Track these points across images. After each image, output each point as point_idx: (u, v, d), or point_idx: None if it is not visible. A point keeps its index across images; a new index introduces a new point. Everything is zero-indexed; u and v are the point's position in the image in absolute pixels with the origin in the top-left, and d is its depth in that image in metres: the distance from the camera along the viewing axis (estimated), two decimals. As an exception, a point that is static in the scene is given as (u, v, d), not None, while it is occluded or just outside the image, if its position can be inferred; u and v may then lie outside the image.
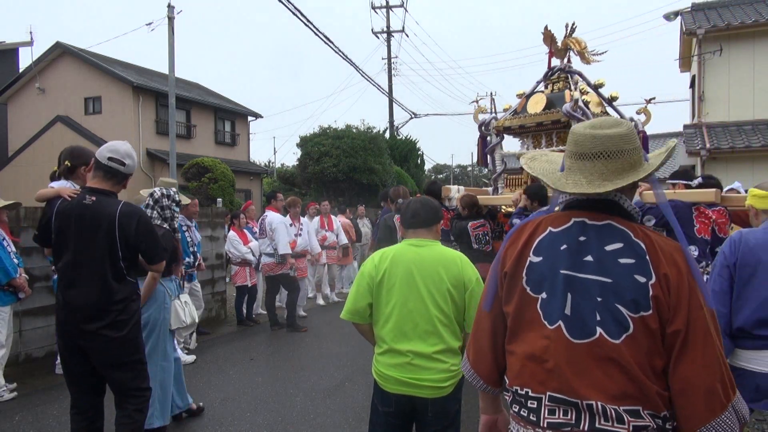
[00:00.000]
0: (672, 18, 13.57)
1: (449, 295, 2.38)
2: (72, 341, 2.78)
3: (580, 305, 1.37)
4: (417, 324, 2.38)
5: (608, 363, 1.32)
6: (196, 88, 25.11)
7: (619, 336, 1.32)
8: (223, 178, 14.70)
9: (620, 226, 1.40)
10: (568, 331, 1.37)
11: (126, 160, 2.85)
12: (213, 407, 4.40)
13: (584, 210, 1.45)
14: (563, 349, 1.37)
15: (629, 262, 1.35)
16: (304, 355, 6.08)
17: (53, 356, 5.71)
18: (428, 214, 2.52)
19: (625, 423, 1.30)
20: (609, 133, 1.39)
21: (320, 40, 14.77)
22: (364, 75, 19.39)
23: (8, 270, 4.54)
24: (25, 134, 21.35)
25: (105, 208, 2.74)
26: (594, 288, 1.36)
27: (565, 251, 1.42)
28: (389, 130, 22.92)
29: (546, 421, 1.37)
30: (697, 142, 12.00)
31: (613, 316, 1.34)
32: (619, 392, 1.31)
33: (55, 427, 4.05)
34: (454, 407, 2.44)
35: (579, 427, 1.33)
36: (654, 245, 1.36)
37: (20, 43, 22.42)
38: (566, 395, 1.35)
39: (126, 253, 2.79)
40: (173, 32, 13.74)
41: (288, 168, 25.78)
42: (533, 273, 1.44)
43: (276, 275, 7.13)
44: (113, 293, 2.74)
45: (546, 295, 1.42)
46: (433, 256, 2.44)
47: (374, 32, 23.29)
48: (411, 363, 2.37)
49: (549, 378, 1.38)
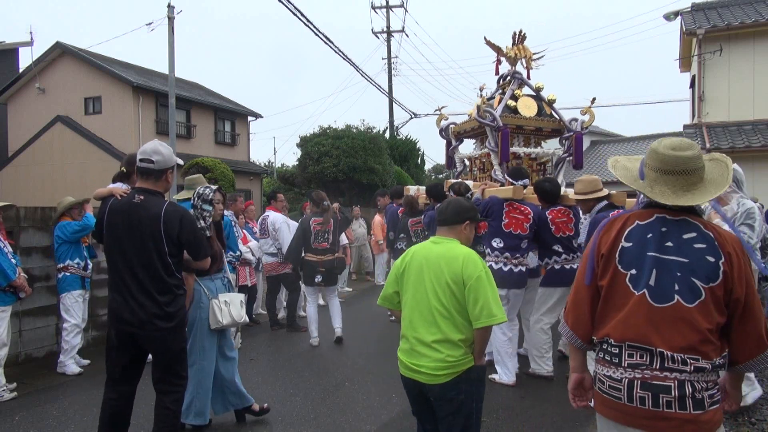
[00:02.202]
0: (672, 18, 13.58)
1: (449, 289, 2.56)
2: (128, 331, 2.99)
3: (662, 278, 1.82)
4: (422, 313, 2.61)
5: (680, 322, 1.78)
6: (196, 88, 25.10)
7: (693, 301, 1.78)
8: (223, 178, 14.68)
9: (693, 221, 1.86)
10: (651, 298, 1.82)
11: (153, 157, 3.05)
12: (213, 407, 4.40)
13: (664, 208, 1.90)
14: (645, 310, 1.82)
15: (702, 247, 1.81)
16: (304, 355, 6.07)
17: (53, 356, 5.71)
18: (451, 215, 2.74)
19: (688, 364, 1.76)
20: (688, 155, 1.84)
21: (320, 40, 14.77)
22: (364, 75, 19.41)
23: (7, 273, 4.54)
24: (25, 134, 21.36)
25: (152, 207, 2.97)
26: (674, 266, 1.82)
27: (651, 238, 1.87)
28: (389, 130, 22.91)
29: (627, 361, 1.83)
30: (697, 143, 11.99)
31: (689, 287, 1.79)
32: (686, 345, 1.76)
33: (56, 427, 4.05)
34: (456, 397, 2.57)
35: (652, 365, 1.79)
36: (720, 235, 1.83)
37: (20, 43, 22.42)
38: (642, 344, 1.80)
39: (172, 249, 3.00)
40: (173, 32, 13.75)
41: (288, 168, 25.78)
42: (625, 255, 1.89)
43: (278, 275, 7.13)
44: (163, 286, 2.97)
45: (635, 271, 1.87)
46: (441, 252, 2.65)
47: (374, 32, 23.28)
48: (414, 349, 2.62)
49: (629, 330, 1.83)
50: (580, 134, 6.55)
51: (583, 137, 6.59)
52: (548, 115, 6.74)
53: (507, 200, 4.88)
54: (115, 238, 3.01)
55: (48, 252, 5.87)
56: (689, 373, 1.76)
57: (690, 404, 1.75)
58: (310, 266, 6.30)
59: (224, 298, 3.80)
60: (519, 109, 6.51)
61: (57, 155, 20.31)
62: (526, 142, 6.80)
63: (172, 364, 3.09)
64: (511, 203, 4.86)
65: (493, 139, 6.36)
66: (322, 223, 6.33)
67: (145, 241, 2.94)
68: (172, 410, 3.08)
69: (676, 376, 1.76)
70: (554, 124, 6.72)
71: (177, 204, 3.14)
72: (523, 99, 6.58)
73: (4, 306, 4.62)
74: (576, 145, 6.58)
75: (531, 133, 6.75)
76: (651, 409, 1.77)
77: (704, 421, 1.75)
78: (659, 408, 1.77)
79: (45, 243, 5.86)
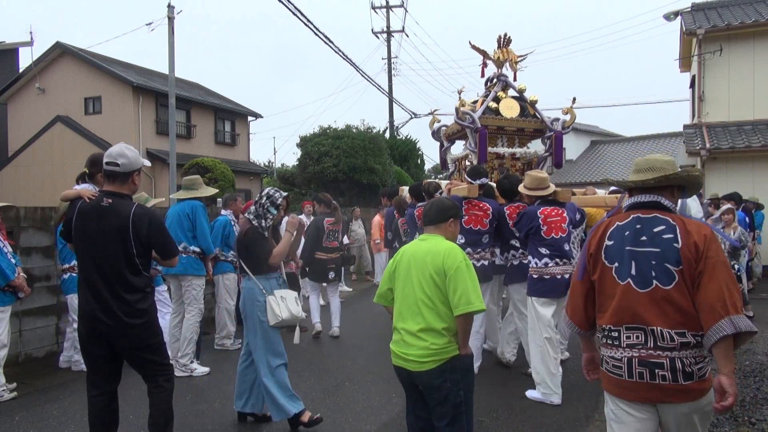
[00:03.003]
0: (672, 18, 13.57)
1: (432, 280, 2.76)
2: (95, 328, 3.03)
3: (640, 267, 2.15)
4: (408, 305, 2.82)
5: (663, 302, 2.09)
6: (196, 88, 25.11)
7: (670, 284, 2.09)
8: (223, 178, 14.70)
9: (662, 216, 2.19)
10: (635, 285, 2.15)
11: (119, 160, 3.05)
12: (213, 407, 4.40)
13: (638, 209, 2.25)
14: (633, 296, 2.14)
15: (670, 236, 2.13)
16: (304, 355, 6.07)
17: (53, 356, 5.71)
18: (434, 214, 2.95)
19: (675, 341, 2.06)
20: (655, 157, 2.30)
21: (320, 40, 14.77)
22: (364, 75, 19.40)
23: (6, 273, 4.54)
24: (25, 134, 21.36)
25: (121, 211, 3.02)
26: (649, 255, 2.14)
27: (627, 235, 2.21)
28: (389, 130, 22.91)
29: (625, 342, 2.14)
30: (697, 142, 11.99)
31: (664, 272, 2.10)
32: (672, 321, 2.07)
33: (56, 427, 4.05)
34: (443, 385, 2.73)
35: (647, 344, 2.10)
36: (684, 223, 2.14)
37: (20, 43, 22.42)
38: (637, 324, 2.12)
39: (140, 250, 3.05)
40: (173, 32, 13.76)
41: (288, 168, 25.76)
42: (608, 251, 2.24)
43: (276, 275, 7.14)
44: (130, 286, 3.03)
45: (617, 264, 2.20)
46: (426, 248, 2.85)
47: (374, 32, 23.28)
48: (403, 339, 2.82)
49: (624, 315, 2.15)
50: (560, 134, 6.72)
51: (563, 137, 6.77)
52: (531, 115, 6.90)
53: (466, 198, 5.05)
54: (84, 240, 3.06)
55: (48, 252, 5.87)
56: (677, 350, 2.06)
57: (680, 377, 2.06)
58: (321, 264, 6.65)
59: (280, 293, 3.84)
60: (501, 110, 6.71)
61: (57, 155, 20.31)
62: (510, 142, 6.98)
63: (149, 355, 3.12)
64: (470, 201, 5.04)
65: (472, 140, 6.55)
66: (334, 222, 6.75)
67: (113, 242, 3.00)
68: (164, 387, 3.13)
69: (668, 354, 2.07)
70: (536, 124, 6.87)
71: (145, 207, 3.18)
72: (505, 101, 6.76)
73: (3, 306, 4.61)
74: (556, 144, 6.76)
75: (514, 133, 6.93)
76: (648, 381, 2.09)
77: (693, 389, 2.07)
78: (655, 381, 2.08)
79: (45, 243, 5.86)
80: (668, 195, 2.25)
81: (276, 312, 3.74)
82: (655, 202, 2.23)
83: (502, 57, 6.91)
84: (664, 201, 2.23)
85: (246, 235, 3.85)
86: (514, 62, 6.94)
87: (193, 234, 5.37)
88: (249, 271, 3.82)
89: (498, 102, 6.73)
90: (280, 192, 3.89)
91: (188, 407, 4.38)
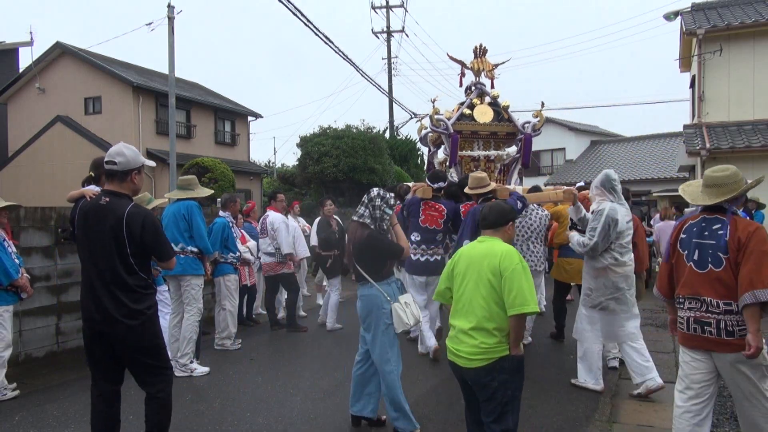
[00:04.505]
0: (672, 18, 13.56)
1: (488, 281, 2.88)
2: (96, 329, 3.04)
3: (701, 255, 2.93)
4: (464, 304, 2.97)
5: (714, 280, 2.87)
6: (196, 88, 25.10)
7: (719, 267, 2.86)
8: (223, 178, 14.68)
9: (721, 217, 2.95)
10: (695, 267, 2.95)
11: (117, 159, 3.06)
12: (213, 407, 4.40)
13: (706, 212, 3.03)
14: (694, 275, 2.95)
15: (722, 233, 2.88)
16: (304, 355, 6.08)
17: (53, 356, 5.72)
18: (495, 217, 3.10)
19: (721, 308, 2.85)
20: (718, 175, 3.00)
21: (320, 40, 14.76)
22: (364, 75, 19.37)
23: (9, 272, 4.54)
24: (25, 134, 21.34)
25: (116, 209, 3.02)
26: (707, 247, 2.91)
27: (695, 231, 3.00)
28: (389, 130, 22.89)
29: (687, 306, 2.97)
30: (697, 142, 11.99)
31: (716, 258, 2.87)
32: (719, 293, 2.85)
33: (56, 427, 4.05)
34: (490, 383, 2.84)
35: (700, 309, 2.90)
36: (735, 224, 2.87)
37: (20, 43, 22.37)
38: (695, 295, 2.93)
39: (135, 250, 3.03)
40: (173, 32, 13.75)
41: (288, 168, 25.75)
42: (682, 242, 3.05)
43: (276, 275, 7.13)
44: (124, 285, 3.01)
45: (687, 252, 3.00)
46: (483, 250, 2.99)
47: (374, 32, 23.25)
48: (456, 336, 2.98)
49: (687, 288, 2.97)
50: (529, 136, 7.18)
51: (532, 139, 7.23)
52: (506, 120, 7.32)
53: (423, 200, 5.67)
54: (84, 238, 3.09)
55: (48, 252, 5.88)
56: (722, 315, 2.84)
57: (723, 333, 2.83)
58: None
59: (403, 299, 3.77)
60: (475, 116, 7.19)
61: (57, 155, 20.29)
62: (486, 146, 7.43)
63: (146, 360, 3.10)
64: (427, 202, 5.68)
65: (447, 145, 7.03)
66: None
67: (108, 241, 3.00)
68: (159, 398, 3.11)
69: (715, 317, 2.86)
70: (509, 128, 7.30)
71: (140, 206, 3.15)
72: (480, 107, 7.25)
73: (6, 305, 4.61)
74: (525, 146, 7.19)
75: (488, 137, 7.36)
76: (700, 335, 2.91)
77: (733, 344, 2.81)
78: (705, 334, 2.89)
79: (45, 243, 5.86)
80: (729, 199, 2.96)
81: (404, 320, 3.69)
82: (718, 206, 2.98)
83: (478, 67, 7.47)
84: (725, 204, 2.96)
85: (369, 240, 3.72)
86: (489, 71, 7.49)
87: (190, 234, 5.36)
88: (369, 277, 3.72)
89: (472, 108, 7.23)
90: (387, 192, 3.83)
91: (188, 407, 4.38)
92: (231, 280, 6.31)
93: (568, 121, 27.39)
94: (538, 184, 7.71)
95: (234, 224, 6.57)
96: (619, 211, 4.38)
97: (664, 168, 21.37)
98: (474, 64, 7.48)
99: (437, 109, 7.02)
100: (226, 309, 6.25)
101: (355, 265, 3.77)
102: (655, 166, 21.98)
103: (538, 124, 7.27)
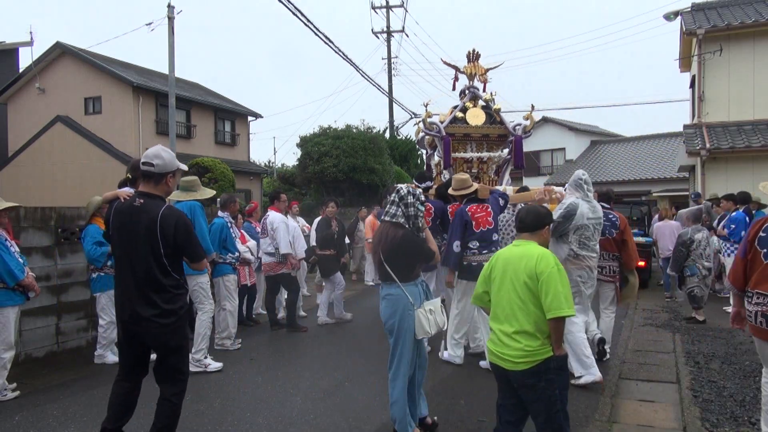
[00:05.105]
0: (672, 18, 13.56)
1: (525, 284, 2.90)
2: (130, 329, 3.14)
3: None
4: (503, 308, 2.99)
5: None
6: (196, 88, 25.09)
7: None
8: (223, 178, 14.67)
9: None
10: None
11: (154, 161, 3.16)
12: (213, 407, 4.40)
13: None
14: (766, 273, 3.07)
15: None
16: (304, 355, 6.08)
17: (53, 356, 5.72)
18: (532, 221, 3.11)
19: None
20: None
21: (320, 40, 14.77)
22: (364, 75, 19.38)
23: (14, 272, 4.53)
24: (25, 134, 21.33)
25: (150, 210, 3.09)
26: None
27: None
28: (389, 130, 22.90)
29: (755, 301, 3.14)
30: (697, 142, 11.99)
31: None
32: None
33: (56, 427, 4.05)
34: (537, 384, 2.86)
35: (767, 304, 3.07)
36: None
37: (20, 43, 22.36)
38: (763, 291, 3.09)
39: (168, 251, 3.10)
40: (173, 32, 13.75)
41: (288, 168, 25.75)
42: (761, 240, 3.16)
43: (276, 275, 7.13)
44: (158, 285, 3.08)
45: (765, 250, 3.12)
46: (520, 253, 2.99)
47: (374, 32, 23.26)
48: (499, 339, 2.99)
49: (758, 284, 3.13)
50: (519, 137, 7.33)
51: (522, 140, 7.37)
52: (498, 122, 7.46)
53: None
54: (118, 239, 3.18)
55: (48, 252, 5.88)
56: None
57: None
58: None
59: (428, 306, 3.66)
60: (468, 119, 7.32)
61: (57, 155, 20.29)
62: (479, 147, 7.57)
63: (171, 359, 3.18)
64: None
65: (440, 147, 7.17)
66: None
67: (142, 242, 3.07)
68: (173, 403, 3.18)
69: None
70: (500, 130, 7.44)
71: (174, 208, 3.22)
72: (472, 110, 7.40)
73: (13, 305, 4.60)
74: (516, 147, 7.35)
75: (481, 139, 7.50)
76: (766, 328, 3.08)
77: None
78: None
79: (45, 243, 5.86)
80: None
81: (426, 328, 3.58)
82: None
83: (471, 71, 7.62)
84: None
85: (404, 241, 3.58)
86: (481, 75, 7.66)
87: None
88: (397, 278, 3.59)
89: (465, 112, 7.38)
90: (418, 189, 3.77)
91: (188, 407, 4.37)
92: (230, 280, 6.31)
93: (568, 121, 27.40)
94: (526, 185, 7.92)
95: (233, 224, 6.58)
96: (582, 206, 4.78)
97: (664, 168, 21.37)
98: (467, 68, 7.64)
99: (430, 113, 7.19)
100: (226, 309, 6.25)
101: (382, 263, 3.63)
102: (655, 166, 21.98)
103: (529, 126, 7.42)
